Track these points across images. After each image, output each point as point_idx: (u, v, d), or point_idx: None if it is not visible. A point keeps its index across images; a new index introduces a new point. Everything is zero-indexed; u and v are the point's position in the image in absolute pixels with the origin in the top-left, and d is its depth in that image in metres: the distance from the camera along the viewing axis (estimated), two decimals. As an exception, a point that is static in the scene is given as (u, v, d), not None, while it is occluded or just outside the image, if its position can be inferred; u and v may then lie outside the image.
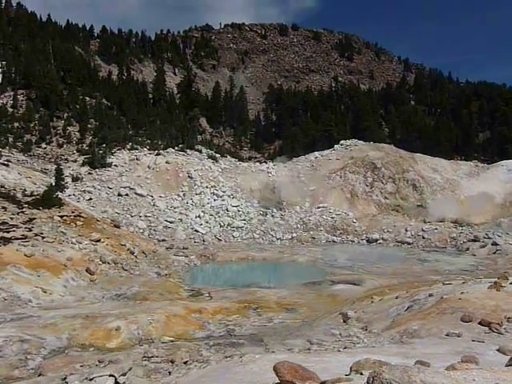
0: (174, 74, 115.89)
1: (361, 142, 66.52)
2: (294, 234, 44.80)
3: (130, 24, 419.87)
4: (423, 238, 42.77)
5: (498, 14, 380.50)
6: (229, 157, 65.46)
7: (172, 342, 14.65)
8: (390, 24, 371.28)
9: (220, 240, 42.71)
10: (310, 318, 17.82)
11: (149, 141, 62.78)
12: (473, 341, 12.14)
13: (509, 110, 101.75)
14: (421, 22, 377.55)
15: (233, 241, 42.94)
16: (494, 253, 36.02)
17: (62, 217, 29.70)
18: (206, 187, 51.55)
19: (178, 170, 53.31)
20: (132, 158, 55.09)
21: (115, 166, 52.74)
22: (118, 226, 34.49)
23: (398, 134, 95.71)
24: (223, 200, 49.85)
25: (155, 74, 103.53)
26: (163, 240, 39.60)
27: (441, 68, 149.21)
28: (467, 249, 38.55)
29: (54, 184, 38.43)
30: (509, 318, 13.16)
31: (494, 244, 37.38)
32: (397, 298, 17.86)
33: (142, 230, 41.54)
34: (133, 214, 44.27)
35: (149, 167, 53.20)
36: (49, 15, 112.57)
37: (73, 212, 31.46)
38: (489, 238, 39.24)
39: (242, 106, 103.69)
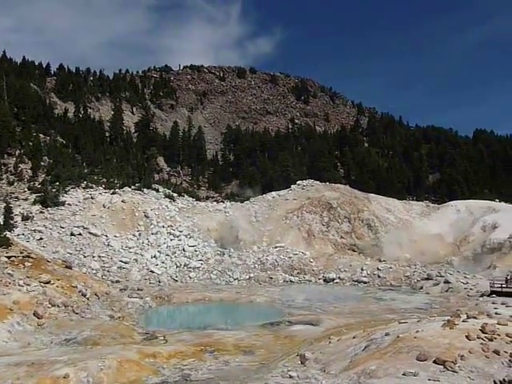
0: (132, 112, 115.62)
1: (317, 182, 67.72)
2: (252, 274, 44.48)
3: (88, 63, 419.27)
4: (379, 276, 43.34)
5: (444, 61, 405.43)
6: (186, 196, 65.05)
7: (124, 389, 13.99)
8: (344, 69, 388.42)
9: (176, 281, 41.85)
10: (267, 361, 17.50)
11: (104, 179, 61.73)
12: (429, 380, 12.20)
13: (456, 153, 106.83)
14: (372, 68, 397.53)
15: (189, 281, 42.18)
16: (447, 291, 36.87)
17: (9, 257, 28.38)
18: (163, 227, 50.82)
19: (134, 209, 52.46)
20: (87, 196, 53.87)
21: (69, 204, 51.36)
22: (69, 267, 33.24)
23: (353, 175, 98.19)
24: (180, 240, 49.19)
25: (112, 112, 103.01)
26: (117, 281, 38.45)
27: (392, 112, 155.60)
28: (421, 287, 39.31)
29: (1, 223, 36.89)
30: (462, 355, 13.35)
31: (446, 282, 38.32)
32: (354, 337, 17.84)
33: (95, 271, 40.23)
34: (86, 255, 42.91)
35: (104, 206, 52.09)
36: (4, 52, 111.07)
37: (21, 252, 30.14)
38: (441, 276, 40.23)
39: (200, 145, 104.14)
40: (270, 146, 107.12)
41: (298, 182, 67.83)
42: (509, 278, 34.03)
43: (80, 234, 45.92)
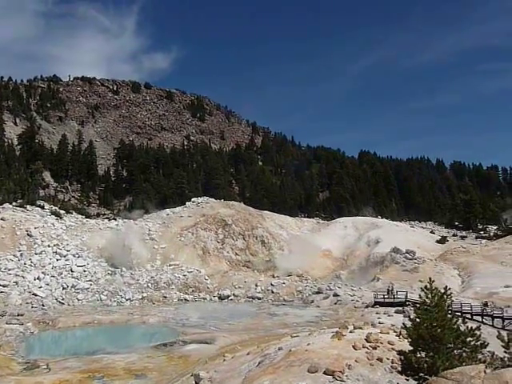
0: (15, 123, 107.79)
1: (212, 199, 67.92)
2: (145, 294, 43.11)
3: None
4: (272, 292, 44.26)
5: (337, 86, 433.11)
6: (75, 213, 61.80)
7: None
8: (239, 88, 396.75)
9: (62, 304, 39.19)
10: (160, 383, 16.95)
11: (-19, 195, 56.60)
12: (319, 391, 12.57)
13: (343, 172, 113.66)
14: (268, 89, 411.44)
15: (77, 304, 39.73)
16: (336, 303, 38.68)
17: None
18: (48, 246, 47.55)
19: (16, 228, 48.56)
20: (-41, 214, 48.90)
21: None
22: None
23: (248, 192, 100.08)
24: (67, 260, 46.31)
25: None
26: (-6, 307, 35.11)
27: (285, 132, 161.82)
28: (312, 301, 40.80)
29: None
30: (349, 365, 13.97)
31: (335, 295, 40.24)
32: (248, 354, 17.94)
33: (-33, 297, 36.45)
34: (-44, 278, 38.74)
35: (-20, 224, 47.61)
36: None
37: None
38: (330, 289, 42.13)
39: (90, 160, 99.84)
40: (165, 163, 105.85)
41: (192, 199, 67.51)
42: (390, 289, 36.56)
43: (-50, 256, 41.45)
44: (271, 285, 45.46)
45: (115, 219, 63.40)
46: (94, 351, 23.69)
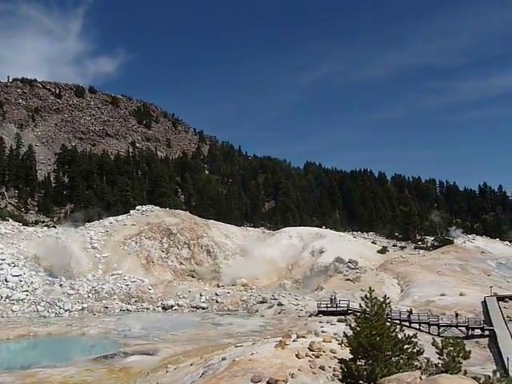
0: None
1: (157, 207, 66.96)
2: (85, 305, 41.74)
3: None
4: (217, 301, 44.02)
5: (283, 97, 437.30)
6: (11, 220, 59.15)
7: None
8: (187, 96, 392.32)
9: (-5, 315, 37.30)
10: (99, 397, 16.44)
11: None
12: (262, 401, 12.62)
13: (289, 182, 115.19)
14: (214, 97, 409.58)
15: (12, 316, 37.92)
16: (280, 313, 38.99)
17: None
18: (-19, 255, 45.23)
19: None
20: None
21: None
22: None
23: (193, 201, 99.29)
24: (1, 269, 44.14)
25: None
26: None
27: (232, 141, 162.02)
28: (256, 310, 40.93)
29: None
30: (292, 374, 14.12)
31: (280, 304, 40.56)
32: (191, 364, 17.76)
33: None
34: None
35: None
36: None
37: None
38: (275, 299, 42.43)
39: (29, 165, 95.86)
40: (109, 169, 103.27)
41: (137, 207, 66.27)
42: (333, 298, 37.27)
43: None
44: (216, 294, 45.21)
45: (55, 227, 61.20)
46: (29, 365, 22.73)
